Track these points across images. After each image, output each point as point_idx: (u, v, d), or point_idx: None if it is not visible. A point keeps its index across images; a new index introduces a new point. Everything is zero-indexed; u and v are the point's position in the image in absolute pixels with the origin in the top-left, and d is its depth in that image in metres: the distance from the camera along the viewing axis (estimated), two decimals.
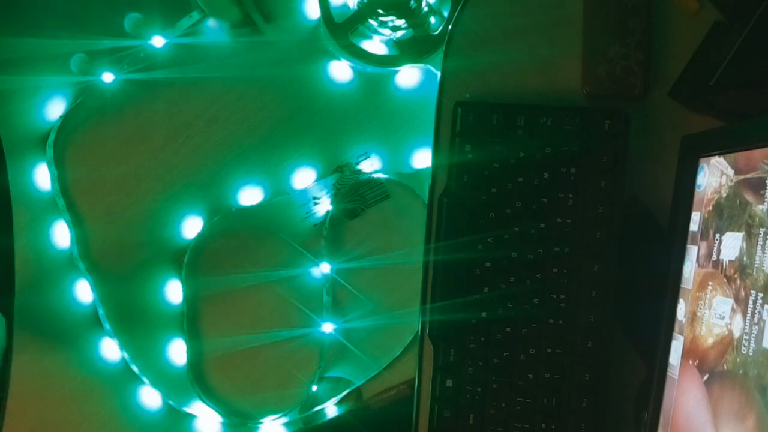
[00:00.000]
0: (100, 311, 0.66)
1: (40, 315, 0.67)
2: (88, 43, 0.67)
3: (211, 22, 0.67)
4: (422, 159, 0.68)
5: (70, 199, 0.67)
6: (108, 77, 0.67)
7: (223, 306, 0.67)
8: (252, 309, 0.67)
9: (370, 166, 0.66)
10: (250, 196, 0.68)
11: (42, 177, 0.68)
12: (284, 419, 0.65)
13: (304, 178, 0.68)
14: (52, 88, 0.68)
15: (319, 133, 0.68)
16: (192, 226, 0.68)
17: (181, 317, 0.66)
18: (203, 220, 0.68)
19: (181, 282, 0.67)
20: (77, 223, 0.67)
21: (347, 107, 0.68)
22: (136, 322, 0.67)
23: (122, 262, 0.68)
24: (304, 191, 0.67)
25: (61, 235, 0.68)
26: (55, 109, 0.68)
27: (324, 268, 0.66)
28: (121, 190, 0.68)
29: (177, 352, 0.67)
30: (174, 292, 0.67)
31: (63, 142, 0.68)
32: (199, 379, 0.67)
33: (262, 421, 0.66)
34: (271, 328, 0.66)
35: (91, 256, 0.67)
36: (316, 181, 0.68)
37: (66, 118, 0.67)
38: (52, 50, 0.67)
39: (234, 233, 0.68)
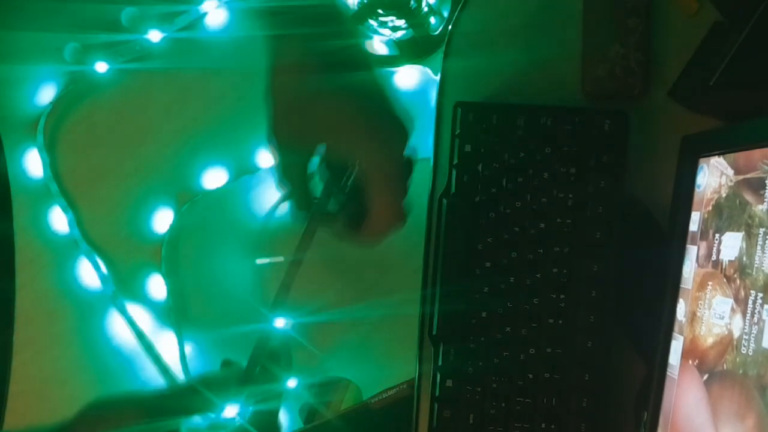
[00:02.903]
0: (109, 289, 0.65)
1: (42, 301, 0.67)
2: (85, 37, 0.67)
3: None
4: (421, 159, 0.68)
5: (61, 184, 0.67)
6: (102, 66, 0.66)
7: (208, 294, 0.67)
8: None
9: None
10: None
11: (33, 162, 0.67)
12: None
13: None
14: (44, 77, 0.67)
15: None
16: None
17: (168, 311, 0.66)
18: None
19: (162, 276, 0.67)
20: (71, 207, 0.67)
21: None
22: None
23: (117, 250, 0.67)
24: None
25: (56, 219, 0.67)
26: (47, 95, 0.67)
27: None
28: (110, 178, 0.67)
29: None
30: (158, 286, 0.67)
31: (54, 128, 0.67)
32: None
33: None
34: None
35: (91, 238, 0.67)
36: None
37: (57, 104, 0.67)
38: (47, 43, 0.67)
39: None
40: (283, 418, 0.64)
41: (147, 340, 0.66)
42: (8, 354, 0.66)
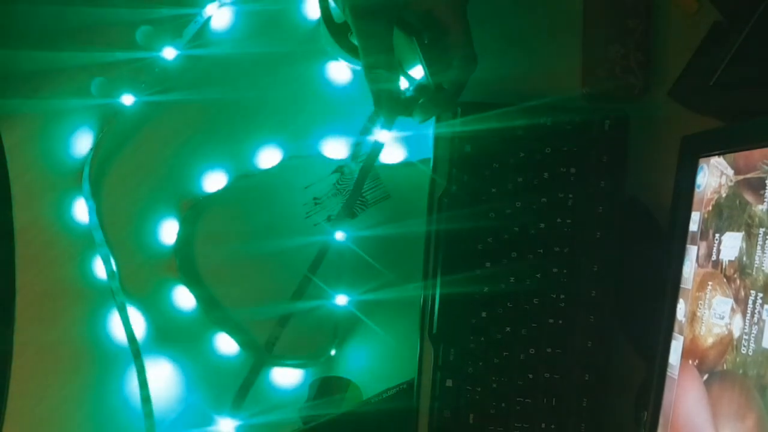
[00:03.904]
0: (135, 345, 0.65)
1: (42, 301, 0.66)
2: (102, 56, 0.67)
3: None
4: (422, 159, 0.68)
5: (105, 231, 0.66)
6: (128, 99, 0.66)
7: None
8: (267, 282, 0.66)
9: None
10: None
11: (79, 210, 0.66)
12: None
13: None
14: (75, 115, 0.66)
15: (321, 134, 0.68)
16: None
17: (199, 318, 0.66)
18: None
19: (187, 287, 0.66)
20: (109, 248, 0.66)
21: (346, 108, 0.68)
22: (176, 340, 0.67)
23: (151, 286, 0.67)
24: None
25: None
26: (82, 140, 0.67)
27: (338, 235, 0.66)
28: (135, 207, 0.67)
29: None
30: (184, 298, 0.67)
31: (94, 173, 0.67)
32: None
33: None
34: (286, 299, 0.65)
35: (126, 285, 0.67)
36: (316, 180, 0.68)
37: (96, 149, 0.66)
38: (66, 63, 0.66)
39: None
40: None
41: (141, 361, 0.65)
42: (9, 354, 0.66)
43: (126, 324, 0.65)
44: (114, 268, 0.65)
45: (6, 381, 0.65)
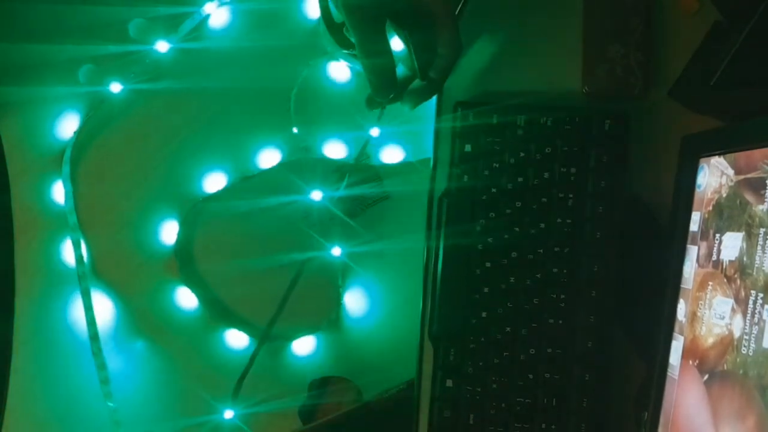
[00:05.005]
0: (93, 330, 0.65)
1: (41, 300, 0.67)
2: (94, 49, 0.67)
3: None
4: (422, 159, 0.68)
5: (80, 213, 0.67)
6: (116, 87, 0.67)
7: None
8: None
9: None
10: None
11: (57, 192, 0.67)
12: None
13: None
14: (62, 101, 0.67)
15: (320, 134, 0.68)
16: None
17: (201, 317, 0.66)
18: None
19: (188, 287, 0.66)
20: (87, 238, 0.67)
21: (346, 108, 0.68)
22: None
23: (130, 277, 0.67)
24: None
25: (70, 250, 0.67)
26: (67, 123, 0.67)
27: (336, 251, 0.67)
28: (129, 203, 0.67)
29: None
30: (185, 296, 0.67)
31: (76, 157, 0.67)
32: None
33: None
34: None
35: (102, 272, 0.67)
36: (316, 180, 0.68)
37: (79, 133, 0.67)
38: (58, 56, 0.67)
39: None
40: None
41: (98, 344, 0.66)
42: (8, 353, 0.66)
43: (88, 308, 0.65)
44: (84, 252, 0.66)
45: (7, 368, 0.65)
